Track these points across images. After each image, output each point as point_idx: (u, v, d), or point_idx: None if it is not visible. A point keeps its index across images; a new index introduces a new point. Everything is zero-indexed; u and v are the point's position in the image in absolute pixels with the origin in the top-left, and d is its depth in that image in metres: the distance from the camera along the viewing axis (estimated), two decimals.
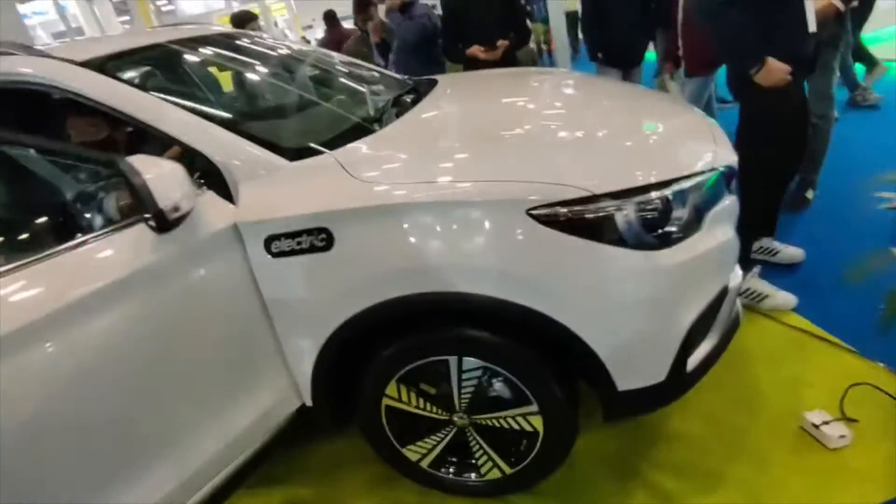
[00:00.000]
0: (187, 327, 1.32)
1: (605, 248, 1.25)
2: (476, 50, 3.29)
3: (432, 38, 3.71)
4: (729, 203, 1.48)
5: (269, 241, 1.37)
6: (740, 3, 1.82)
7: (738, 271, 1.60)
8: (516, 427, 1.51)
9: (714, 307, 1.45)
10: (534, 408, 1.45)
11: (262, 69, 2.14)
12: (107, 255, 1.23)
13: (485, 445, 1.57)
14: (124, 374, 1.22)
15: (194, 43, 1.97)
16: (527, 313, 1.29)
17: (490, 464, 1.59)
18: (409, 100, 1.94)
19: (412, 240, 1.30)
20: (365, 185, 1.33)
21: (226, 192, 1.41)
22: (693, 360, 1.44)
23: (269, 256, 1.37)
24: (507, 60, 3.33)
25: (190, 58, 1.95)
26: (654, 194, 1.29)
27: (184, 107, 1.47)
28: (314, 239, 1.34)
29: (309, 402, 1.58)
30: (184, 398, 1.35)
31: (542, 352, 1.39)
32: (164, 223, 1.17)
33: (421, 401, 1.53)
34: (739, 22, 1.85)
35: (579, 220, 1.24)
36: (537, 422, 1.48)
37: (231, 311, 1.40)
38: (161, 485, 1.30)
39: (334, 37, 5.44)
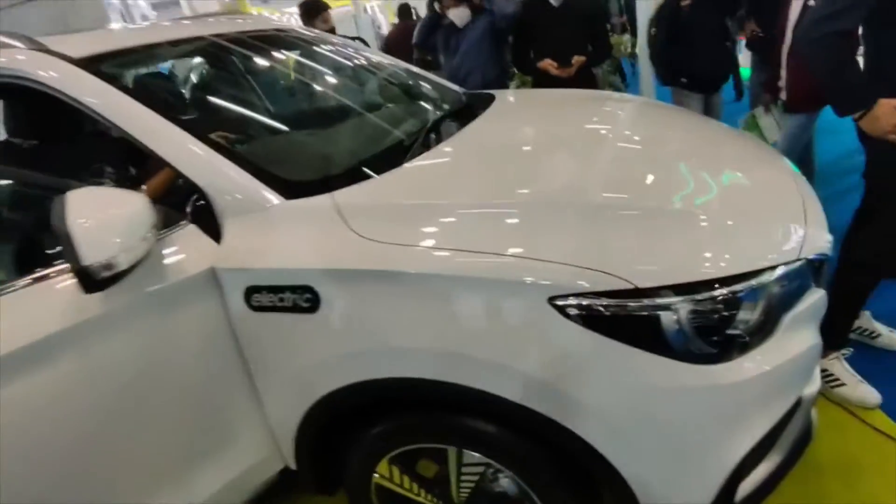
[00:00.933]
0: (146, 381, 1.15)
1: (644, 355, 0.99)
2: (548, 64, 2.97)
3: (501, 39, 3.33)
4: (816, 300, 1.17)
5: (249, 293, 1.18)
6: (855, 33, 1.47)
7: (818, 377, 1.28)
8: None
9: (781, 425, 1.16)
10: None
11: (287, 75, 1.94)
12: (31, 308, 1.07)
13: None
14: (69, 431, 1.07)
15: (215, 41, 1.78)
16: (539, 421, 1.05)
17: None
18: (452, 123, 1.71)
19: (409, 314, 1.08)
20: (361, 242, 1.12)
21: (214, 226, 1.24)
22: (746, 487, 1.15)
23: (249, 309, 1.19)
24: (583, 77, 3.01)
25: (204, 59, 1.79)
26: (717, 293, 1.00)
27: (175, 119, 1.30)
28: (298, 298, 1.14)
29: (293, 466, 1.40)
30: (143, 457, 1.20)
31: (558, 461, 1.14)
32: (90, 284, 0.99)
33: (415, 486, 1.32)
34: (850, 59, 1.50)
35: (613, 317, 0.98)
36: None
37: (203, 364, 1.23)
38: None
39: (402, 30, 5.29)
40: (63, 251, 0.95)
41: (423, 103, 1.94)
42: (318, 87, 1.92)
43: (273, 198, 1.22)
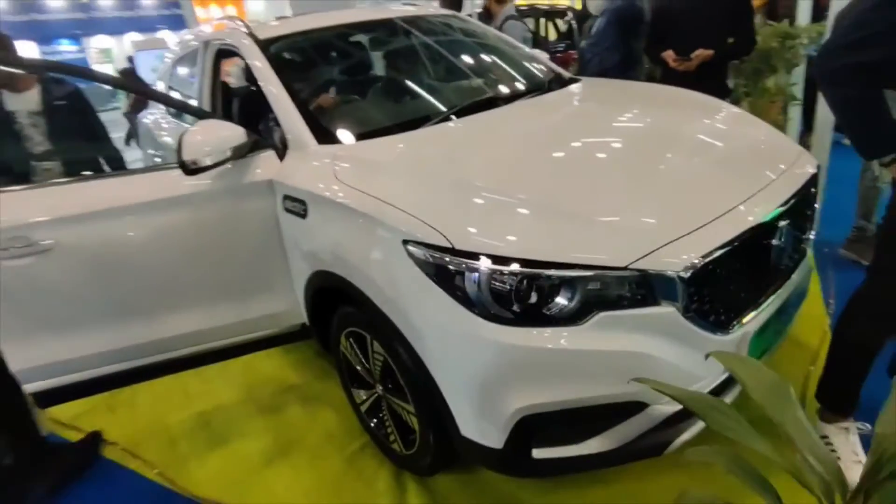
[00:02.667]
0: (222, 236, 1.94)
1: (451, 301, 1.31)
2: (668, 55, 2.85)
3: (628, 30, 3.24)
4: (650, 313, 1.26)
5: (284, 198, 1.86)
6: (875, 69, 1.27)
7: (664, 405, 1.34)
8: (405, 419, 1.72)
9: (587, 412, 1.32)
10: (411, 408, 1.64)
11: (383, 48, 2.50)
12: (161, 179, 1.87)
13: (390, 420, 1.83)
14: (172, 252, 1.91)
15: (356, 26, 2.47)
16: (393, 326, 1.48)
17: (393, 436, 1.84)
18: (491, 101, 2.07)
19: (334, 229, 1.60)
20: (333, 180, 1.66)
21: (284, 153, 1.94)
22: (548, 452, 1.37)
23: (283, 210, 1.87)
24: (711, 74, 2.79)
25: (340, 41, 2.48)
26: (514, 269, 1.25)
27: (288, 85, 2.01)
28: (299, 207, 1.77)
29: (307, 322, 2.09)
30: (217, 278, 2.01)
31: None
32: (186, 170, 1.75)
33: (359, 358, 1.87)
34: (874, 95, 1.30)
35: (435, 265, 1.33)
36: (415, 422, 1.66)
37: (259, 236, 1.96)
38: (188, 324, 2.02)
39: None
40: (177, 151, 1.75)
41: (487, 82, 2.31)
42: (409, 65, 2.46)
43: (311, 142, 1.85)
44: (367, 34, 2.58)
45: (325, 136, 1.88)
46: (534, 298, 1.27)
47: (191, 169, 1.74)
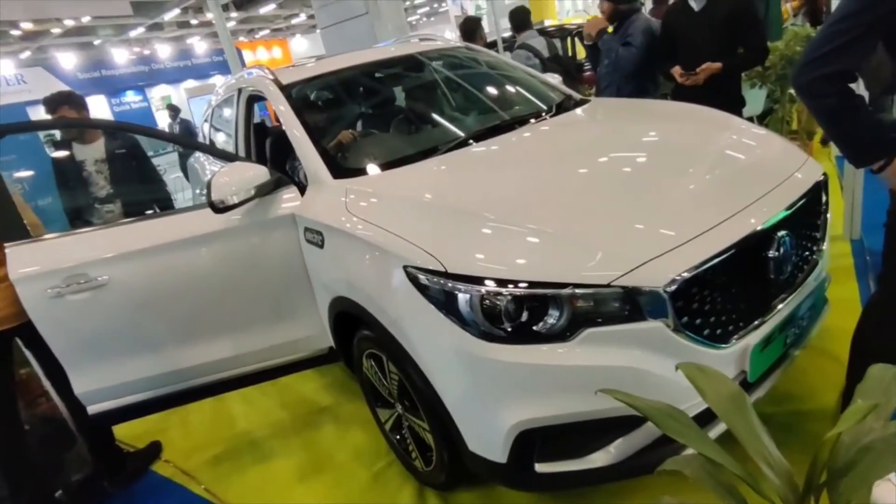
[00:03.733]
0: (251, 268, 2.10)
1: (446, 321, 1.39)
2: (675, 72, 2.85)
3: (651, 60, 3.24)
4: (634, 329, 1.30)
5: (305, 230, 2.01)
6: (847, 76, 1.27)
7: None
8: (422, 436, 1.80)
9: (590, 427, 1.36)
10: (426, 425, 1.71)
11: (397, 83, 2.65)
12: (196, 218, 2.04)
13: (411, 437, 1.91)
14: (207, 284, 2.09)
15: (371, 66, 2.64)
16: (401, 347, 1.57)
17: (415, 453, 1.92)
18: (502, 127, 2.17)
19: (346, 258, 1.73)
20: (344, 212, 1.79)
21: (304, 189, 2.10)
22: (551, 466, 1.41)
23: (305, 240, 2.02)
24: (722, 87, 2.76)
25: (356, 80, 2.65)
26: (504, 290, 1.32)
27: (306, 125, 2.18)
28: (317, 238, 1.91)
29: (333, 345, 2.22)
30: (249, 306, 2.16)
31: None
32: (215, 209, 1.92)
33: (378, 378, 1.97)
34: (852, 104, 1.29)
35: (432, 287, 1.42)
36: (430, 439, 1.73)
37: (285, 266, 2.11)
38: (224, 350, 2.18)
39: None
40: (206, 192, 1.93)
41: (497, 109, 2.40)
42: (421, 99, 2.60)
43: (327, 177, 2.00)
44: (380, 71, 2.75)
45: (340, 170, 2.02)
46: (524, 317, 1.33)
47: (219, 208, 1.92)
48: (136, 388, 2.17)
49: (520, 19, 4.31)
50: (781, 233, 1.46)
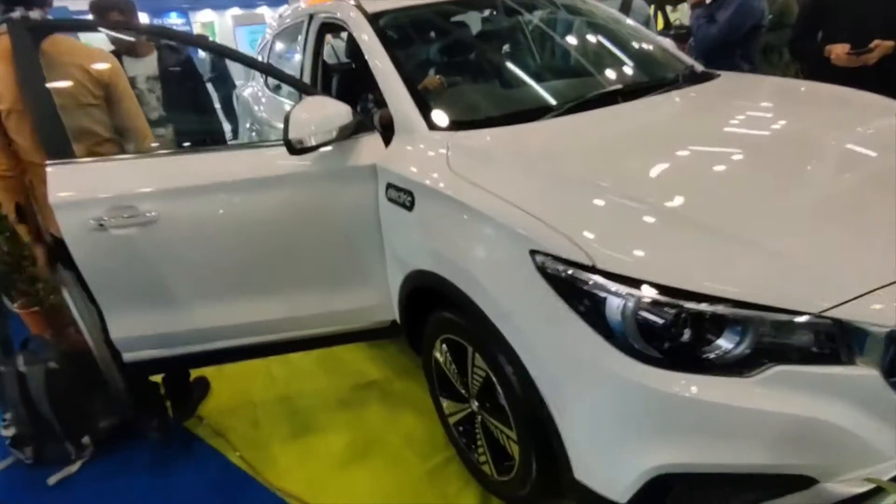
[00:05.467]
0: (318, 222, 1.81)
1: (584, 327, 1.10)
2: (839, 50, 2.34)
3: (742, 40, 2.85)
4: (841, 374, 0.99)
5: (387, 187, 1.71)
6: None
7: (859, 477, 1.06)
8: (503, 443, 1.54)
9: (744, 480, 1.08)
10: (513, 434, 1.46)
11: (499, 29, 2.27)
12: (261, 157, 1.77)
13: (484, 439, 1.66)
14: (266, 234, 1.80)
15: (471, 3, 2.27)
16: (504, 344, 1.29)
17: (485, 457, 1.68)
18: (623, 94, 1.82)
19: (445, 227, 1.43)
20: (448, 172, 1.48)
21: (390, 136, 1.78)
22: None
23: (386, 198, 1.72)
24: (884, 72, 2.29)
25: (456, 17, 2.28)
26: (671, 299, 1.02)
27: (398, 63, 1.85)
28: (405, 197, 1.61)
29: (399, 321, 1.96)
30: (308, 264, 1.89)
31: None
32: (291, 149, 1.62)
33: (453, 369, 1.71)
34: None
35: (569, 283, 1.12)
36: (516, 450, 1.47)
37: (358, 223, 1.81)
38: (276, 310, 1.92)
39: None
40: (283, 128, 1.63)
41: (613, 73, 2.03)
42: (523, 48, 2.22)
43: (421, 126, 1.68)
44: (482, 12, 2.37)
45: (436, 120, 1.70)
46: (691, 336, 1.04)
47: (297, 148, 1.63)
48: (179, 341, 1.95)
49: None
50: None
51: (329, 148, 1.71)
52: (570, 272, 1.12)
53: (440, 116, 1.71)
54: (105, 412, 2.25)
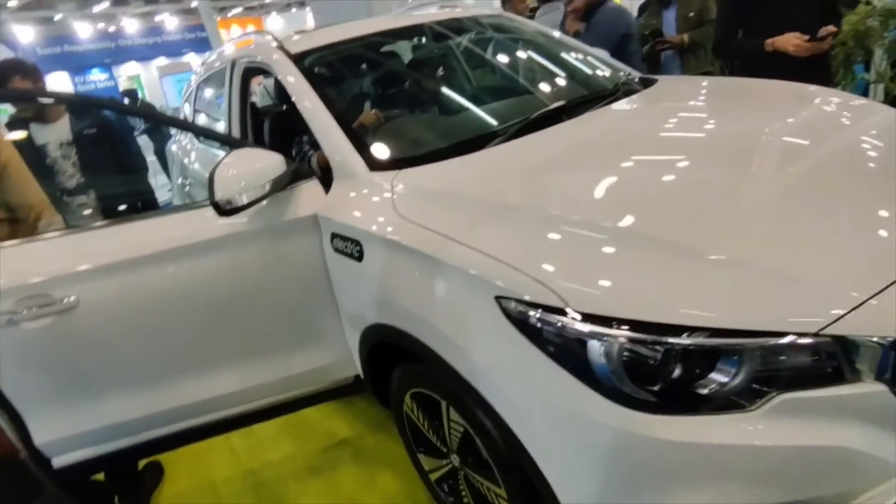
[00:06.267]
0: (261, 283, 1.65)
1: (567, 376, 1.00)
2: (790, 39, 2.24)
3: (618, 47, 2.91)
4: (852, 394, 0.92)
5: (332, 237, 1.57)
6: None
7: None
8: (492, 501, 1.41)
9: None
10: (501, 491, 1.33)
11: (435, 63, 2.21)
12: (191, 221, 1.59)
13: (470, 497, 1.52)
14: (206, 304, 1.63)
15: (396, 34, 2.18)
16: (479, 398, 1.17)
17: None
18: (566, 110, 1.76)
19: (399, 277, 1.31)
20: (396, 217, 1.36)
21: (329, 182, 1.65)
22: None
23: (332, 249, 1.58)
24: (815, 64, 2.33)
25: (379, 52, 2.19)
26: (655, 337, 0.93)
27: (328, 102, 1.73)
28: (353, 247, 1.48)
29: (362, 375, 1.80)
30: (258, 330, 1.72)
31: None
32: (220, 211, 1.48)
33: (427, 424, 1.57)
34: None
35: (546, 331, 1.01)
36: None
37: (306, 278, 1.66)
38: (229, 383, 1.74)
39: None
40: (208, 189, 1.48)
41: (551, 91, 1.98)
42: (458, 73, 2.14)
43: (361, 168, 1.56)
44: (409, 42, 2.29)
45: (376, 160, 1.59)
46: (682, 374, 0.94)
47: (226, 209, 1.47)
48: (117, 434, 1.72)
49: None
50: None
51: (265, 202, 1.56)
52: (541, 316, 1.01)
53: (380, 155, 1.60)
54: None
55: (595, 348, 0.96)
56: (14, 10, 12.50)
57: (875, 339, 0.90)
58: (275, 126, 2.63)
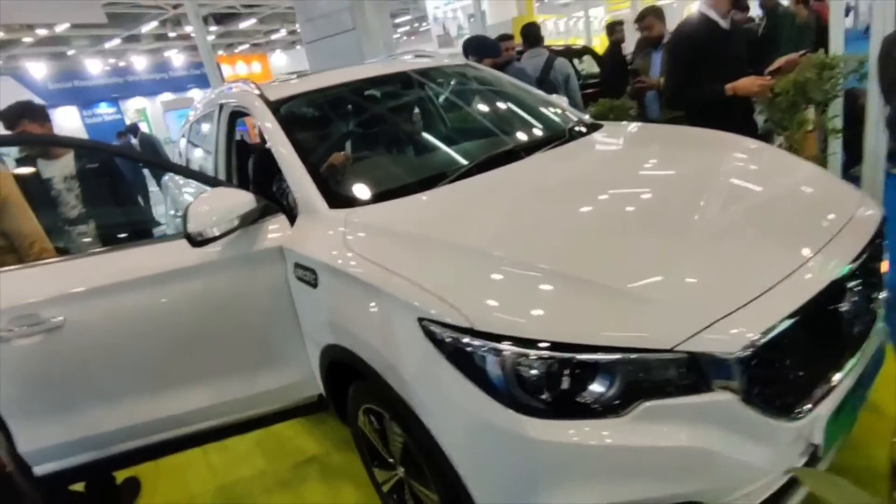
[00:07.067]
0: (232, 308, 1.83)
1: (473, 388, 1.17)
2: (752, 82, 2.53)
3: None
4: (704, 402, 1.08)
5: (295, 266, 1.76)
6: None
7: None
8: None
9: None
10: (435, 497, 1.47)
11: (396, 103, 2.44)
12: (169, 251, 1.77)
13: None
14: (180, 326, 1.81)
15: (367, 82, 2.42)
16: (410, 410, 1.33)
17: None
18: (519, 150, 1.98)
19: (345, 303, 1.50)
20: (344, 249, 1.55)
21: (294, 218, 1.85)
22: None
23: (294, 277, 1.77)
24: (744, 108, 2.59)
25: (351, 98, 2.42)
26: (542, 353, 1.10)
27: (298, 146, 1.94)
28: (310, 275, 1.66)
29: (324, 393, 1.96)
30: (229, 350, 1.89)
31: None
32: (192, 242, 1.67)
33: (377, 437, 1.72)
34: None
35: (456, 348, 1.19)
36: None
37: (272, 304, 1.84)
38: (201, 399, 1.90)
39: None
40: (182, 223, 1.68)
41: (504, 134, 2.20)
42: (418, 121, 2.38)
43: (322, 206, 1.76)
44: (378, 89, 2.53)
45: (336, 198, 1.79)
46: (565, 385, 1.11)
47: (197, 241, 1.67)
48: (97, 445, 1.88)
49: (533, 35, 4.22)
50: (853, 282, 1.28)
51: (236, 234, 1.76)
52: (453, 336, 1.19)
53: (338, 195, 1.81)
54: None
55: (492, 362, 1.14)
56: (28, 46, 13.08)
57: (722, 354, 1.07)
58: (259, 163, 2.85)
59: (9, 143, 2.60)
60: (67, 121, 13.11)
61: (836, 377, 1.26)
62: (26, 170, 3.00)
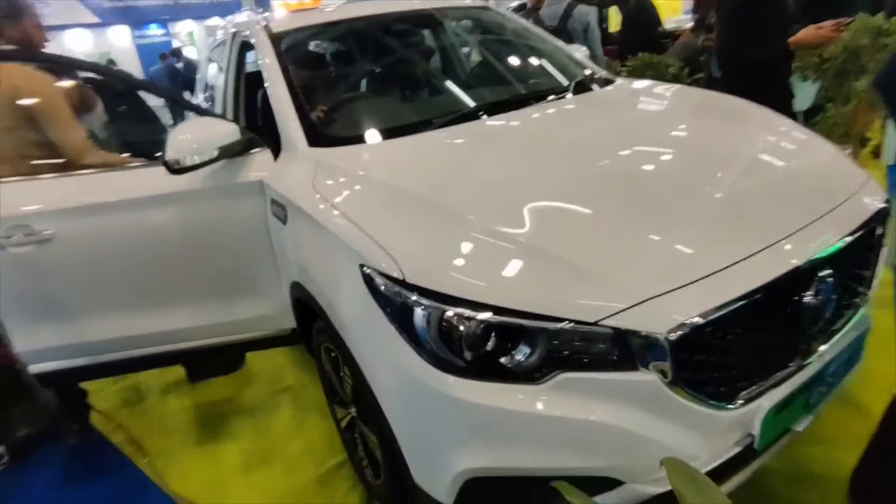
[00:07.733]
0: (211, 236, 1.87)
1: (399, 337, 1.17)
2: (812, 31, 2.37)
3: None
4: (624, 379, 1.06)
5: (271, 202, 1.77)
6: None
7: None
8: (373, 448, 1.60)
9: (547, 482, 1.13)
10: (374, 438, 1.51)
11: (401, 43, 2.35)
12: (150, 177, 1.80)
13: (362, 444, 1.71)
14: (162, 248, 1.87)
15: (373, 20, 2.34)
16: (348, 351, 1.36)
17: (366, 462, 1.73)
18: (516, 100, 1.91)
19: (304, 242, 1.51)
20: (310, 189, 1.55)
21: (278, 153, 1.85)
22: None
23: (271, 212, 1.79)
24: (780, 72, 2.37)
25: (355, 36, 2.35)
26: (465, 312, 1.09)
27: (289, 82, 1.92)
28: (280, 211, 1.68)
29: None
30: (206, 277, 1.95)
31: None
32: (169, 169, 1.68)
33: (334, 376, 1.77)
34: None
35: (389, 298, 1.19)
36: (379, 454, 1.53)
37: (251, 236, 1.87)
38: (179, 320, 1.99)
39: None
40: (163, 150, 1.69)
41: (505, 83, 2.11)
42: (413, 62, 2.29)
43: (301, 143, 1.75)
44: (384, 28, 2.44)
45: (318, 137, 1.77)
46: (487, 346, 1.10)
47: (174, 168, 1.69)
48: (77, 352, 2.00)
49: None
50: (824, 272, 1.19)
51: (219, 165, 1.77)
52: (387, 285, 1.18)
53: (320, 134, 1.79)
54: (23, 422, 2.30)
55: (419, 315, 1.13)
56: None
57: (650, 334, 1.03)
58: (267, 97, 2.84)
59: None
60: (120, 40, 13.30)
61: (787, 370, 1.20)
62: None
